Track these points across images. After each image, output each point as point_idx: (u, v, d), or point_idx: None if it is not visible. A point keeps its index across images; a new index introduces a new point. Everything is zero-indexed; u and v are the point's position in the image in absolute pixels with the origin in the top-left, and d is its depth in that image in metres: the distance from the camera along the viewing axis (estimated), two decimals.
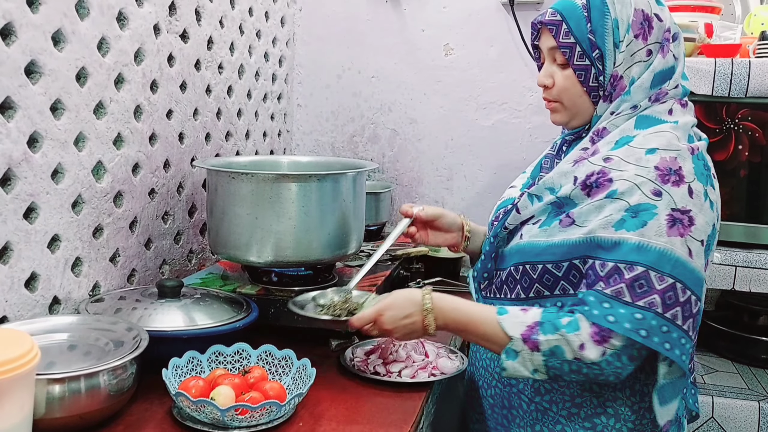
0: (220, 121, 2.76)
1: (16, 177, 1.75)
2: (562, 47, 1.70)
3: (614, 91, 1.69)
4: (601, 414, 1.71)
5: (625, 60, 1.66)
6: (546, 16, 1.73)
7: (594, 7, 1.67)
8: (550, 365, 1.56)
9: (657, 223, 1.52)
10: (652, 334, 1.50)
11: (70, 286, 1.97)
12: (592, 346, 1.52)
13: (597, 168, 1.63)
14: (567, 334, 1.54)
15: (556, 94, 1.77)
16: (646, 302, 1.50)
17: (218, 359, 1.78)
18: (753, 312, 2.88)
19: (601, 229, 1.57)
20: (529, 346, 1.56)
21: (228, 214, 2.15)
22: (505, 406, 1.84)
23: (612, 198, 1.57)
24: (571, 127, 1.82)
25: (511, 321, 1.60)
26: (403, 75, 3.36)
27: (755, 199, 2.47)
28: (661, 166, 1.57)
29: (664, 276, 1.51)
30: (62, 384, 1.45)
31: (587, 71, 1.69)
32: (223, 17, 2.72)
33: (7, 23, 1.69)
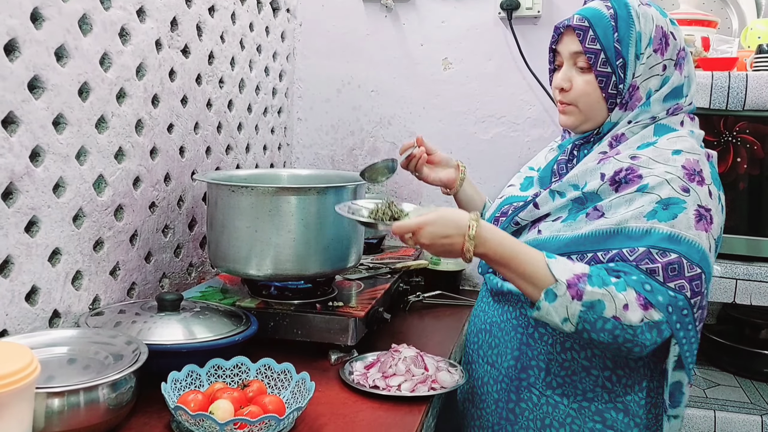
0: (220, 135, 2.77)
1: (18, 190, 1.75)
2: (587, 52, 1.75)
3: (630, 100, 1.75)
4: (611, 409, 1.75)
5: (644, 72, 1.73)
6: (574, 21, 1.77)
7: (621, 18, 1.73)
8: (585, 318, 1.56)
9: (686, 216, 1.59)
10: (674, 312, 1.57)
11: (71, 299, 1.97)
12: (636, 309, 1.55)
13: (625, 165, 1.69)
14: (615, 291, 1.55)
15: (573, 98, 1.81)
16: (677, 285, 1.57)
17: (217, 373, 1.78)
18: (754, 325, 2.87)
19: (633, 220, 1.62)
20: (572, 293, 1.56)
21: (228, 228, 2.16)
22: (512, 399, 1.86)
23: (643, 192, 1.63)
24: (580, 131, 1.86)
25: (561, 265, 1.60)
26: (403, 89, 3.37)
27: (755, 211, 2.47)
28: (687, 166, 1.64)
29: (693, 265, 1.57)
30: (61, 398, 1.46)
31: (608, 78, 1.74)
32: (224, 32, 2.73)
33: (11, 39, 1.70)
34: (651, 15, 1.75)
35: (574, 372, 1.77)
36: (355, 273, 2.59)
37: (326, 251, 2.19)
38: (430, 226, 1.63)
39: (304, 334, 2.11)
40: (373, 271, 2.67)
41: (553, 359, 1.80)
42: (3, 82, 1.68)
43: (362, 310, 2.16)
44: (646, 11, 1.75)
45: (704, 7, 2.93)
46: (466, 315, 2.65)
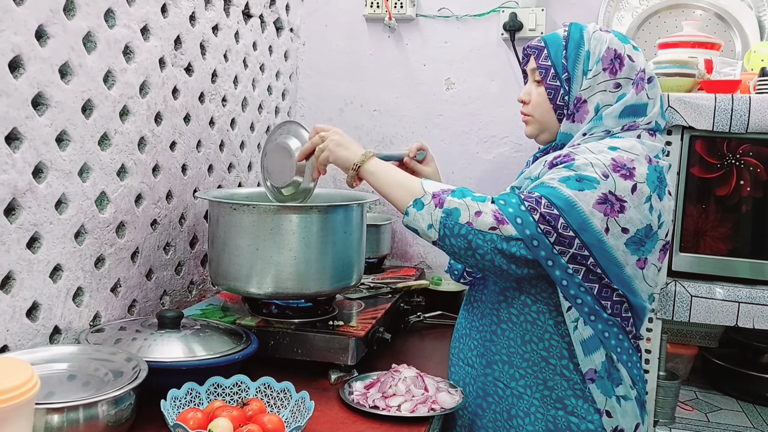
0: (222, 153, 2.77)
1: (20, 207, 1.76)
2: (539, 67, 1.95)
3: (577, 112, 1.91)
4: (571, 396, 1.86)
5: (591, 87, 1.89)
6: (533, 43, 2.00)
7: (572, 39, 1.92)
8: (444, 223, 1.76)
9: (591, 194, 1.72)
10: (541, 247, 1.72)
11: (71, 315, 1.97)
12: (487, 217, 1.73)
13: (564, 152, 1.85)
14: (471, 201, 1.76)
15: (529, 109, 2.02)
16: (545, 229, 1.71)
17: (217, 391, 1.77)
18: (757, 349, 2.86)
19: (547, 179, 1.77)
20: (435, 202, 1.78)
21: (229, 246, 2.16)
22: (480, 395, 2.00)
23: (568, 168, 1.77)
24: (541, 141, 2.05)
25: (431, 184, 1.84)
26: (405, 109, 3.37)
27: (758, 234, 2.46)
28: (617, 159, 1.76)
29: (569, 228, 1.72)
30: (61, 414, 1.46)
31: (556, 90, 1.93)
32: (228, 51, 2.74)
33: (15, 56, 1.71)
34: (605, 38, 1.90)
35: (534, 363, 1.89)
36: (356, 292, 2.59)
37: (327, 270, 2.19)
38: (342, 134, 2.05)
39: (304, 353, 2.11)
40: (374, 290, 2.67)
41: (515, 352, 1.92)
42: (7, 98, 1.69)
43: (363, 330, 2.15)
44: (601, 35, 1.91)
45: (707, 29, 2.93)
46: None
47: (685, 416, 2.61)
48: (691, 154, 2.45)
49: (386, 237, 3.18)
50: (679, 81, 2.56)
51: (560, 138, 1.95)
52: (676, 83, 2.55)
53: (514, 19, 3.11)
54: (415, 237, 3.38)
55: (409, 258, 3.43)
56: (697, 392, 2.84)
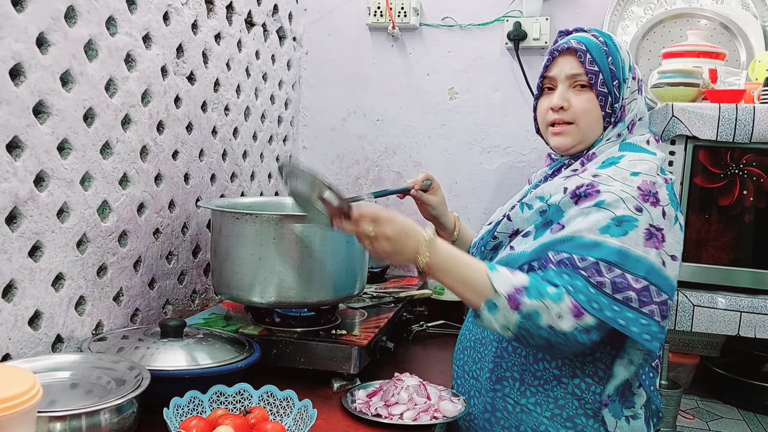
0: (225, 163, 2.77)
1: (22, 215, 1.75)
2: (588, 72, 1.86)
3: (620, 120, 1.89)
4: (581, 415, 1.84)
5: (629, 95, 1.89)
6: (573, 44, 1.89)
7: (610, 47, 1.88)
8: (523, 327, 1.66)
9: (636, 234, 1.68)
10: (629, 324, 1.66)
11: (74, 324, 1.97)
12: (568, 318, 1.64)
13: (587, 181, 1.78)
14: (551, 302, 1.65)
15: (572, 116, 1.90)
16: (624, 297, 1.66)
17: (219, 399, 1.76)
18: (758, 358, 2.87)
19: (587, 231, 1.71)
20: (511, 305, 1.65)
21: (232, 255, 2.15)
22: (488, 410, 1.95)
23: (600, 207, 1.72)
24: (575, 152, 1.95)
25: (501, 278, 1.69)
26: (408, 118, 3.38)
27: (760, 244, 2.46)
28: (643, 187, 1.73)
29: (639, 278, 1.66)
30: (63, 422, 1.45)
31: (606, 98, 1.87)
32: (230, 60, 2.74)
33: (16, 64, 1.70)
34: (625, 48, 1.92)
35: (546, 381, 1.86)
36: (358, 302, 2.58)
37: (330, 279, 2.19)
38: (393, 220, 1.73)
39: (306, 361, 2.10)
40: (377, 299, 2.66)
41: (527, 370, 1.89)
42: (8, 106, 1.69)
43: (365, 339, 2.15)
44: (623, 44, 1.93)
45: (712, 39, 2.93)
46: None
47: (687, 425, 2.61)
48: (695, 164, 2.45)
49: None
50: (683, 90, 2.56)
51: (595, 145, 1.91)
52: (681, 93, 2.55)
53: (518, 29, 3.12)
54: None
55: (411, 268, 3.40)
56: (698, 401, 2.84)
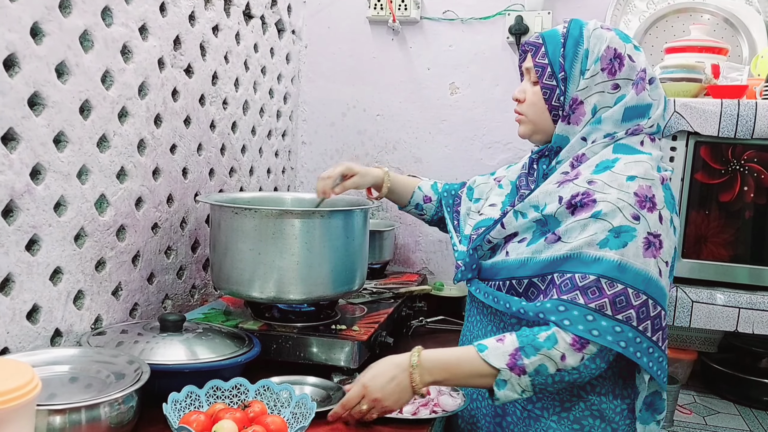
0: (224, 157, 2.76)
1: (18, 208, 1.74)
2: (536, 66, 1.88)
3: (572, 113, 1.85)
4: (588, 416, 1.83)
5: (588, 87, 1.83)
6: (531, 40, 1.94)
7: (571, 37, 1.85)
8: (536, 383, 1.69)
9: (635, 245, 1.68)
10: (628, 344, 1.67)
11: (72, 318, 1.96)
12: (572, 354, 1.66)
13: (582, 189, 1.76)
14: (548, 351, 1.66)
15: (523, 108, 1.95)
16: (624, 316, 1.66)
17: (216, 394, 1.75)
18: (755, 354, 2.88)
19: (586, 246, 1.70)
20: (516, 373, 1.67)
21: (231, 250, 2.14)
22: (499, 414, 1.94)
23: (596, 218, 1.71)
24: (534, 141, 1.99)
25: (494, 354, 1.70)
26: (409, 113, 3.36)
27: (760, 240, 2.45)
28: (639, 192, 1.72)
29: (639, 293, 1.67)
30: (63, 415, 1.45)
31: (552, 90, 1.86)
32: (228, 53, 2.72)
33: (10, 54, 1.69)
34: (605, 37, 1.83)
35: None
36: (358, 297, 2.59)
37: (330, 275, 2.18)
38: (374, 380, 1.75)
39: (306, 356, 2.10)
40: (377, 295, 2.66)
41: None
42: (3, 97, 1.67)
43: (365, 334, 2.15)
44: (601, 33, 1.84)
45: (715, 34, 2.92)
46: None
47: (684, 419, 2.62)
48: (696, 160, 2.44)
49: (389, 243, 3.17)
50: (685, 86, 2.55)
51: (555, 140, 1.90)
52: (683, 88, 2.54)
53: (520, 23, 3.10)
54: (417, 243, 3.39)
55: (411, 264, 3.41)
56: (695, 396, 2.85)
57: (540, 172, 1.96)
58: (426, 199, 2.39)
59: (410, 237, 3.40)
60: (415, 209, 2.41)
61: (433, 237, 3.35)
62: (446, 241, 3.31)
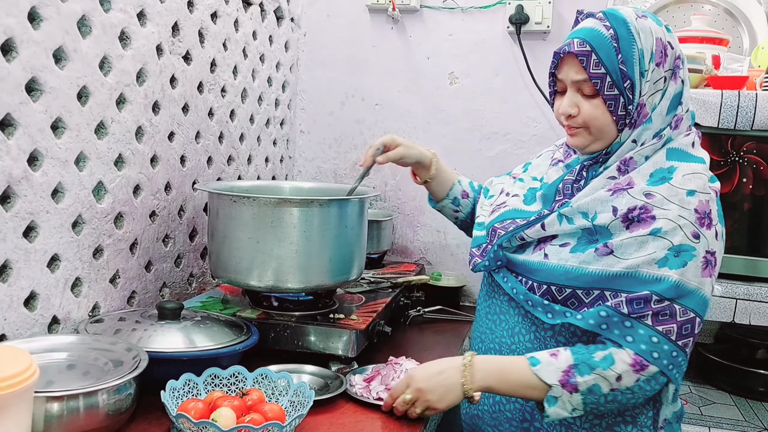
0: (222, 145, 2.75)
1: (15, 195, 1.73)
2: (593, 78, 1.70)
3: (638, 118, 1.73)
4: (620, 422, 1.77)
5: (649, 89, 1.71)
6: (575, 47, 1.71)
7: (622, 38, 1.69)
8: (588, 402, 1.64)
9: (695, 264, 1.63)
10: (675, 368, 1.65)
11: (70, 306, 1.95)
12: (629, 375, 1.62)
13: (639, 203, 1.68)
14: (603, 371, 1.62)
15: (582, 122, 1.77)
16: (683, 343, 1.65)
17: (214, 382, 1.76)
18: (751, 345, 2.88)
19: (645, 265, 1.64)
20: (568, 390, 1.63)
21: (229, 238, 2.14)
22: (527, 419, 1.84)
23: (656, 236, 1.65)
24: (590, 151, 1.82)
25: (547, 369, 1.65)
26: (407, 103, 3.35)
27: (757, 232, 2.45)
28: (699, 209, 1.66)
29: (688, 311, 1.64)
30: (61, 402, 1.46)
31: (616, 101, 1.71)
32: (227, 40, 2.71)
33: (7, 39, 1.68)
34: (650, 28, 1.71)
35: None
36: (356, 286, 2.59)
37: (328, 264, 2.18)
38: (421, 370, 1.73)
39: (304, 345, 2.11)
40: (375, 285, 2.66)
41: None
42: (0, 83, 1.66)
43: (363, 323, 2.15)
44: (645, 25, 1.72)
45: (716, 25, 2.92)
46: (466, 330, 2.66)
47: None
48: None
49: (387, 233, 3.16)
50: None
51: (616, 147, 1.77)
52: None
53: (520, 12, 3.08)
54: (415, 234, 3.37)
55: (409, 254, 3.40)
56: (691, 387, 2.85)
57: (590, 179, 1.82)
58: (464, 194, 2.28)
59: (408, 227, 3.39)
60: (452, 203, 2.28)
61: (431, 227, 3.35)
62: (444, 231, 3.31)
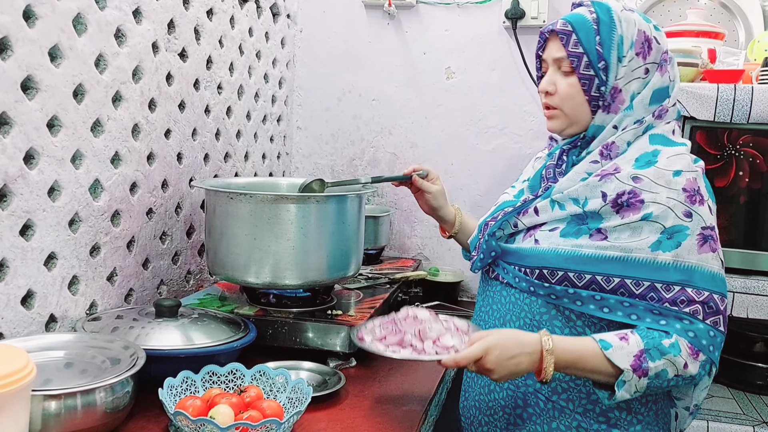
0: (218, 142, 2.75)
1: (12, 193, 1.73)
2: (570, 56, 1.78)
3: (613, 102, 1.78)
4: (614, 408, 1.79)
5: (626, 75, 1.77)
6: (558, 26, 1.81)
7: (603, 22, 1.76)
8: (652, 386, 1.66)
9: (690, 243, 1.67)
10: (716, 348, 1.69)
11: (67, 304, 1.95)
12: (692, 363, 1.66)
13: (627, 188, 1.72)
14: (674, 357, 1.64)
15: (558, 101, 1.84)
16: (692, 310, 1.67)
17: (212, 379, 1.76)
18: (749, 338, 2.88)
19: (637, 251, 1.68)
20: (638, 375, 1.63)
21: (226, 235, 2.14)
22: (519, 405, 1.86)
23: (648, 220, 1.68)
24: (567, 135, 1.89)
25: (619, 354, 1.64)
26: (404, 98, 3.35)
27: (754, 225, 2.46)
28: (687, 187, 1.69)
29: (700, 290, 1.66)
30: (58, 400, 1.45)
31: (591, 81, 1.78)
32: (223, 37, 2.71)
33: (2, 37, 1.68)
34: (633, 19, 1.79)
35: (577, 376, 1.78)
36: (354, 283, 2.58)
37: (325, 260, 2.19)
38: (496, 350, 1.63)
39: (302, 341, 2.11)
40: (372, 281, 2.66)
41: None
42: None
43: (361, 319, 2.15)
44: (629, 16, 1.79)
45: (712, 18, 2.91)
46: None
47: None
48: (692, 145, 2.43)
49: (384, 229, 3.16)
50: (682, 70, 2.54)
51: (592, 130, 1.82)
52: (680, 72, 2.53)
53: (516, 7, 3.08)
54: (413, 229, 3.38)
55: (407, 249, 3.40)
56: None
57: (570, 163, 1.88)
58: None
59: (406, 223, 3.39)
60: None
61: (428, 223, 3.34)
62: None
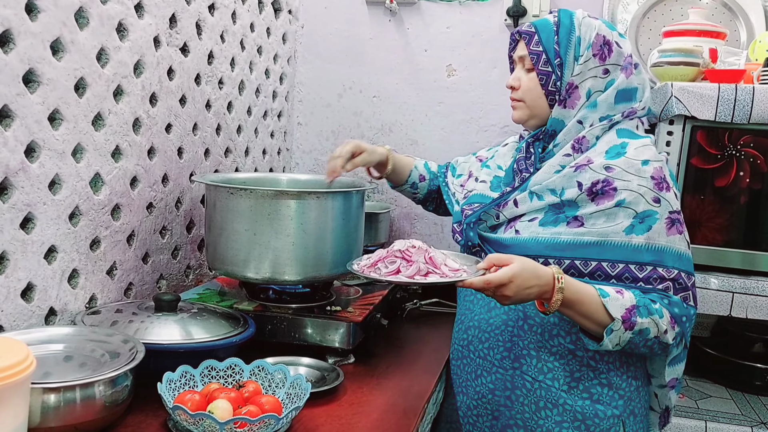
0: (219, 137, 2.75)
1: (13, 186, 1.73)
2: (531, 54, 1.97)
3: (569, 97, 1.95)
4: (597, 384, 1.90)
5: (582, 72, 1.93)
6: (523, 28, 2.01)
7: (563, 25, 1.95)
8: (633, 341, 1.77)
9: (659, 226, 1.81)
10: (688, 320, 1.84)
11: (67, 297, 1.95)
12: (670, 331, 1.79)
13: (601, 177, 1.85)
14: (658, 319, 1.76)
15: (520, 94, 2.02)
16: (683, 296, 1.84)
17: (211, 374, 1.76)
18: (748, 339, 2.88)
19: (613, 234, 1.81)
20: (626, 327, 1.74)
21: (226, 230, 2.14)
22: (508, 388, 1.96)
23: (621, 206, 1.81)
24: (530, 127, 2.07)
25: (614, 304, 1.74)
26: (405, 95, 3.35)
27: (754, 226, 2.45)
28: (655, 175, 1.83)
29: (669, 269, 1.81)
30: (57, 393, 1.46)
31: (548, 76, 1.96)
32: (224, 32, 2.71)
33: (5, 30, 1.67)
34: (594, 24, 1.95)
35: (562, 356, 1.91)
36: (353, 279, 2.58)
37: (325, 256, 2.19)
38: (518, 279, 1.68)
39: (301, 337, 2.11)
40: None
41: (543, 347, 1.92)
42: None
43: (360, 316, 2.15)
44: (590, 21, 1.96)
45: (713, 18, 2.91)
46: None
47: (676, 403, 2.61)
48: (692, 145, 2.44)
49: (384, 225, 3.16)
50: (683, 70, 2.55)
51: (551, 124, 1.99)
52: (681, 72, 2.54)
53: (517, 5, 3.08)
54: (413, 226, 3.38)
55: None
56: (688, 380, 2.85)
57: (537, 155, 2.03)
58: (421, 177, 2.45)
59: (405, 219, 3.39)
60: (411, 188, 2.46)
61: (428, 220, 3.35)
62: (441, 224, 3.32)
